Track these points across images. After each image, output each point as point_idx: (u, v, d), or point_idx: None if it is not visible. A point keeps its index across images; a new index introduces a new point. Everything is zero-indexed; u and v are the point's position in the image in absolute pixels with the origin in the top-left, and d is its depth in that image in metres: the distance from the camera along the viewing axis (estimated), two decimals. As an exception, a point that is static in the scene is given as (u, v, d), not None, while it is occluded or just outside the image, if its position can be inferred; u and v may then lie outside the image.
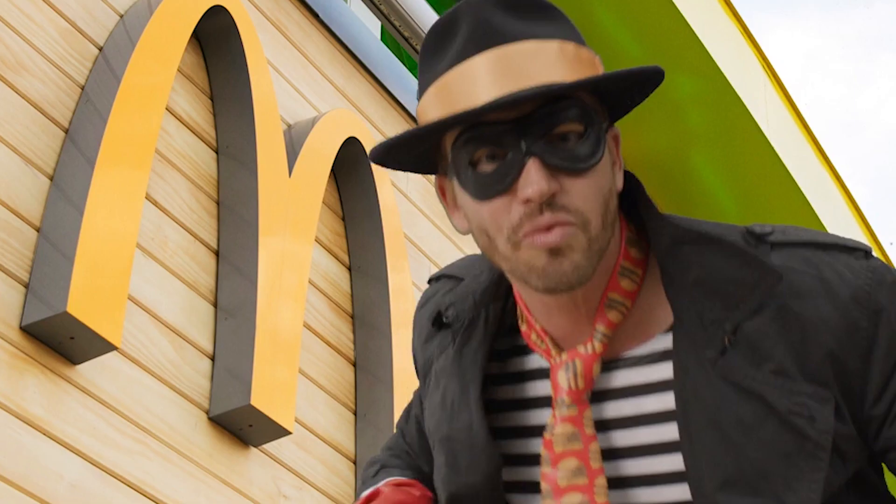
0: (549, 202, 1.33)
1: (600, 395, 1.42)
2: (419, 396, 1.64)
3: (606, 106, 1.41)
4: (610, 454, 1.41)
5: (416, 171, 1.45)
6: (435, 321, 1.52)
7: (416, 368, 1.59)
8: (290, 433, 3.78)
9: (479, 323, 1.47)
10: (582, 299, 1.40)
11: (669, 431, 1.38)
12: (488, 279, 1.48)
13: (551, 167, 1.34)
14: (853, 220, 8.31)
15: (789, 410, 1.34)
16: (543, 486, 1.40)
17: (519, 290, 1.45)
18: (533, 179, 1.32)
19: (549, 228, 1.33)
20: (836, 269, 1.38)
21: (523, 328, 1.46)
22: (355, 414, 4.26)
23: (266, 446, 3.83)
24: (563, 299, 1.40)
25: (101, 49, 3.67)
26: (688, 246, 1.39)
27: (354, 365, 4.34)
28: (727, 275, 1.37)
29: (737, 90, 6.83)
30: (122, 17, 3.78)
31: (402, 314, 4.40)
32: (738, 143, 7.01)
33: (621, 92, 1.40)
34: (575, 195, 1.34)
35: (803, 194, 7.44)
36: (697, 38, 6.62)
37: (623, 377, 1.41)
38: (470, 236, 1.42)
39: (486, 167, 1.35)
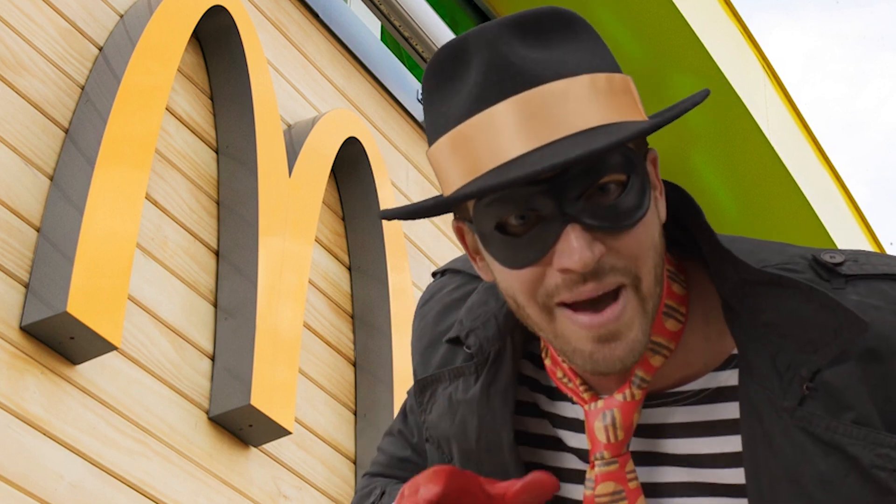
0: (594, 270, 1.18)
1: (649, 430, 1.32)
2: (412, 407, 1.53)
3: None
4: (659, 490, 1.32)
5: (428, 217, 1.30)
6: (453, 341, 1.39)
7: (413, 367, 1.47)
8: (290, 433, 3.78)
9: (505, 356, 1.33)
10: None
11: (728, 475, 1.29)
12: None
13: (594, 229, 1.18)
14: (853, 220, 8.31)
15: (873, 464, 1.23)
16: None
17: None
18: (574, 248, 1.17)
19: (595, 304, 1.19)
20: None
21: (547, 362, 1.34)
22: (355, 414, 4.26)
23: (266, 446, 3.83)
24: None
25: (101, 49, 3.67)
26: (757, 286, 1.24)
27: (354, 365, 4.34)
28: (805, 319, 1.23)
29: (737, 90, 6.84)
30: (122, 17, 3.79)
31: (402, 314, 4.40)
32: (738, 143, 7.01)
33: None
34: (624, 253, 1.19)
35: (803, 194, 7.44)
36: (697, 38, 6.62)
37: (674, 414, 1.31)
38: None
39: (517, 229, 1.19)
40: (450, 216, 1.34)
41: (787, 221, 7.25)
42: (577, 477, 1.35)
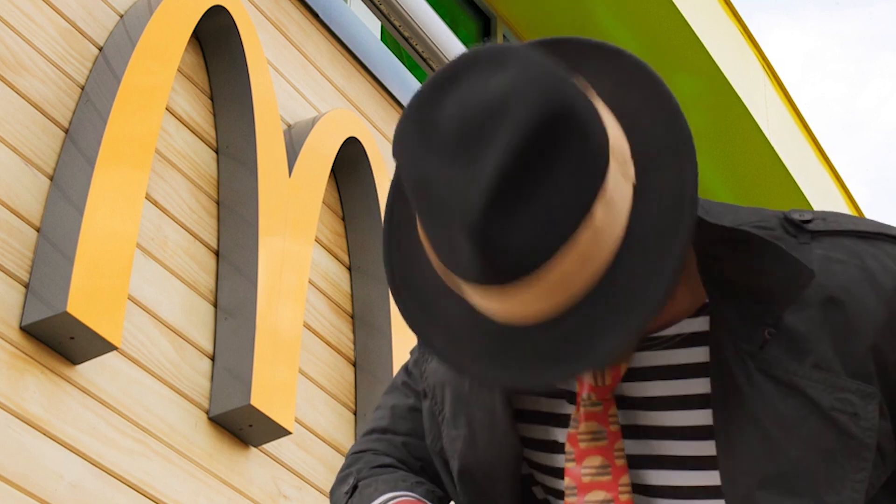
0: None
1: (623, 375, 1.38)
2: (415, 360, 1.58)
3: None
4: (634, 432, 1.38)
5: None
6: None
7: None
8: (290, 433, 3.78)
9: None
10: None
11: (700, 417, 1.35)
12: None
13: None
14: (853, 220, 8.30)
15: (832, 407, 1.28)
16: (567, 481, 1.37)
17: None
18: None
19: None
20: (880, 258, 1.32)
21: None
22: (355, 414, 4.26)
23: (266, 446, 3.83)
24: None
25: (101, 49, 3.67)
26: (721, 242, 1.31)
27: (354, 365, 4.34)
28: (763, 270, 1.30)
29: (737, 90, 6.84)
30: (122, 17, 3.79)
31: (402, 314, 4.39)
32: (738, 143, 7.01)
33: None
34: None
35: (803, 194, 7.44)
36: (697, 38, 6.62)
37: (648, 358, 1.36)
38: None
39: None
40: None
41: (787, 221, 7.24)
42: (567, 421, 1.41)
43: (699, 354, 1.35)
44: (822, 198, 7.79)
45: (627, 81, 1.25)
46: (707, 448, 1.35)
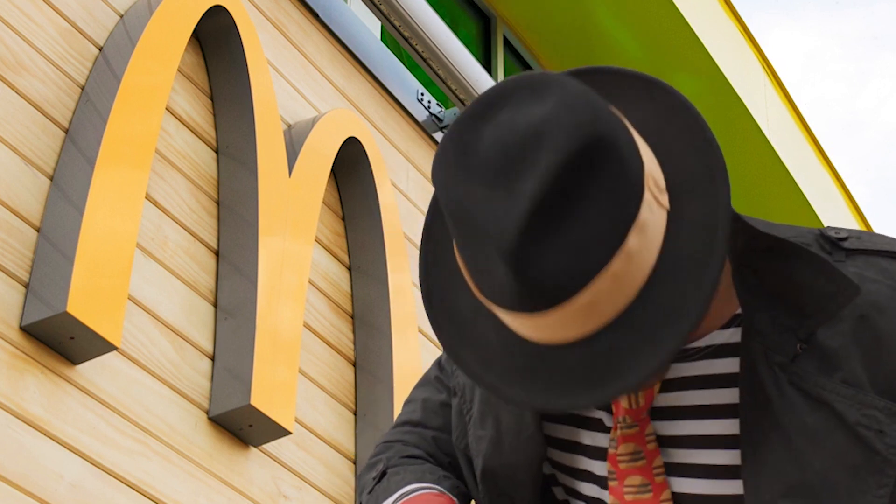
0: None
1: (661, 412, 1.40)
2: (440, 360, 1.62)
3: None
4: (662, 441, 1.40)
5: None
6: None
7: None
8: (290, 433, 3.78)
9: None
10: None
11: (728, 426, 1.36)
12: None
13: None
14: (853, 220, 8.32)
15: (858, 422, 1.30)
16: (611, 499, 1.40)
17: None
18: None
19: None
20: None
21: None
22: (355, 414, 4.26)
23: (266, 446, 3.83)
24: None
25: (101, 49, 3.67)
26: (764, 251, 1.33)
27: (354, 365, 4.34)
28: (804, 283, 1.32)
29: (737, 90, 6.84)
30: (122, 17, 3.79)
31: (402, 314, 4.40)
32: (738, 143, 7.01)
33: None
34: None
35: (803, 194, 7.44)
36: (697, 38, 6.62)
37: (679, 369, 1.39)
38: None
39: None
40: None
41: (787, 221, 7.24)
42: (592, 424, 1.44)
43: (729, 365, 1.37)
44: (822, 198, 7.79)
45: (664, 112, 1.27)
46: (733, 457, 1.36)
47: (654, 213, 1.21)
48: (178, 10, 3.84)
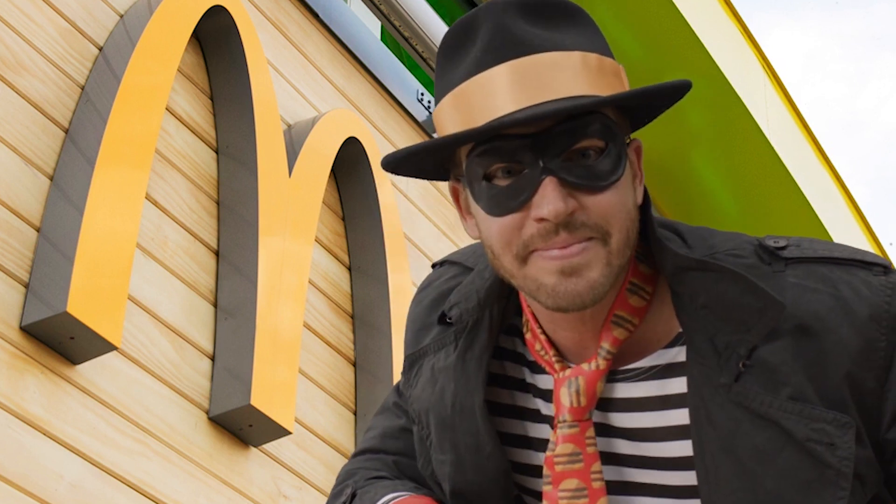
0: (566, 222, 1.29)
1: (602, 404, 1.40)
2: (398, 386, 1.60)
3: (628, 117, 1.36)
4: (612, 459, 1.39)
5: (428, 178, 1.41)
6: (439, 319, 1.48)
7: (405, 348, 1.55)
8: (290, 433, 3.78)
9: (482, 326, 1.43)
10: (590, 315, 1.37)
11: (681, 448, 1.36)
12: (492, 278, 1.43)
13: (569, 185, 1.29)
14: (853, 220, 8.32)
15: (808, 437, 1.30)
16: None
17: (525, 297, 1.41)
18: (549, 198, 1.28)
19: (564, 247, 1.29)
20: (854, 286, 1.33)
21: (528, 335, 1.43)
22: (355, 414, 4.26)
23: (266, 446, 3.83)
24: (571, 316, 1.36)
25: (101, 49, 3.67)
26: (691, 272, 1.34)
27: (354, 365, 4.34)
28: (734, 301, 1.33)
29: (737, 90, 6.84)
30: (122, 17, 3.79)
31: (402, 314, 4.40)
32: (738, 143, 7.01)
33: (645, 105, 1.35)
34: (595, 211, 1.29)
35: (803, 194, 7.44)
36: (697, 38, 6.62)
37: (624, 390, 1.38)
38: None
39: (501, 182, 1.31)
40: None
41: (787, 221, 7.25)
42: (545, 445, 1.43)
43: (678, 385, 1.37)
44: (822, 198, 7.78)
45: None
46: (689, 478, 1.36)
47: (617, 80, 1.34)
48: (178, 10, 3.84)
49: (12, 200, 3.29)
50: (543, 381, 1.44)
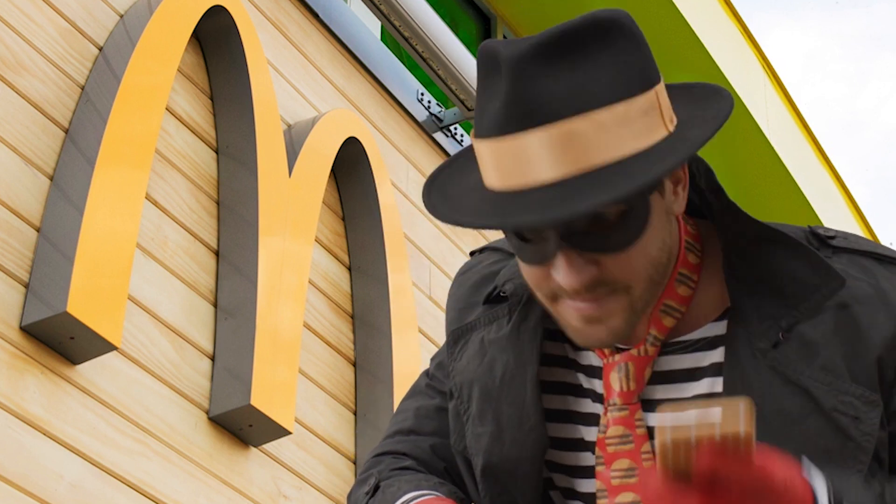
0: (585, 287, 1.31)
1: (651, 378, 1.44)
2: (439, 363, 1.61)
3: None
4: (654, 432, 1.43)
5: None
6: (489, 295, 1.51)
7: (447, 324, 1.57)
8: (290, 433, 3.78)
9: (536, 300, 1.44)
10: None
11: None
12: None
13: (587, 252, 1.30)
14: (853, 220, 8.32)
15: (834, 408, 1.35)
16: (598, 483, 1.43)
17: None
18: (565, 272, 1.30)
19: (585, 300, 1.32)
20: (893, 281, 1.39)
21: None
22: (355, 414, 4.26)
23: (266, 446, 3.83)
24: None
25: (101, 49, 3.67)
26: (757, 243, 1.39)
27: (354, 365, 4.34)
28: (792, 274, 1.38)
29: (737, 90, 6.84)
30: (122, 17, 3.79)
31: (402, 314, 4.40)
32: (738, 143, 7.01)
33: None
34: (615, 271, 1.31)
35: (803, 194, 7.44)
36: (697, 38, 6.62)
37: (672, 362, 1.43)
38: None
39: (526, 239, 1.33)
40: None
41: (787, 221, 7.23)
42: (593, 419, 1.46)
43: (718, 355, 1.41)
44: (822, 198, 7.78)
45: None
46: None
47: (652, 117, 1.29)
48: (178, 10, 3.84)
49: (12, 200, 3.29)
50: (585, 357, 1.47)
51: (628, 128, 1.28)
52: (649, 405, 1.42)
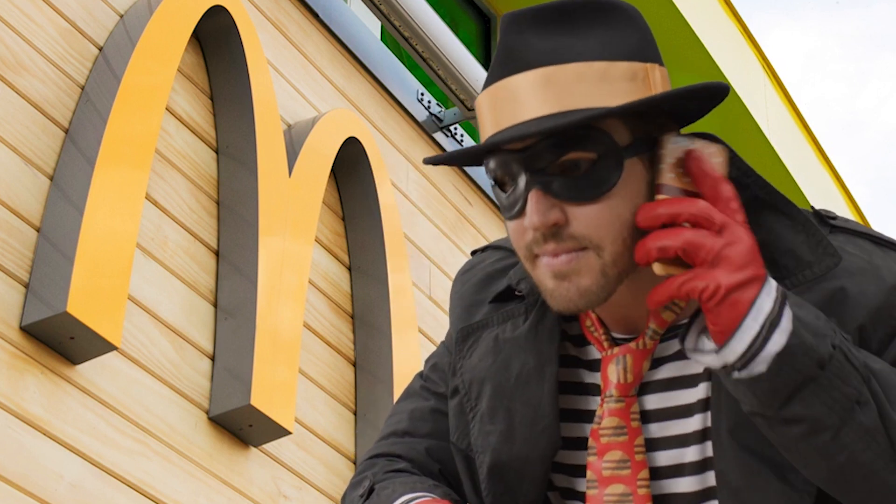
0: (552, 232, 1.34)
1: (644, 388, 1.45)
2: (434, 365, 1.63)
3: (657, 120, 1.39)
4: (645, 417, 1.44)
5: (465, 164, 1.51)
6: (502, 294, 1.53)
7: (452, 323, 1.59)
8: (290, 433, 3.78)
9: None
10: (632, 297, 1.41)
11: (703, 391, 1.42)
12: None
13: (553, 197, 1.34)
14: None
15: None
16: (589, 474, 1.43)
17: None
18: (530, 211, 1.34)
19: (555, 254, 1.35)
20: (886, 261, 1.40)
21: (581, 315, 1.49)
22: (355, 414, 4.26)
23: (266, 446, 3.83)
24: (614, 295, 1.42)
25: (101, 49, 3.67)
26: (764, 210, 1.40)
27: (354, 365, 4.34)
28: (787, 247, 1.39)
29: (737, 90, 6.84)
30: (122, 17, 3.79)
31: (402, 314, 4.40)
32: (738, 143, 7.01)
33: (677, 105, 1.38)
34: (582, 223, 1.34)
35: (803, 194, 7.44)
36: (697, 38, 6.62)
37: (668, 346, 1.44)
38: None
39: (505, 188, 1.38)
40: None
41: (787, 221, 7.25)
42: (595, 417, 1.48)
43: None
44: (822, 198, 7.79)
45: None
46: (705, 421, 1.42)
47: (637, 84, 1.35)
48: (178, 10, 3.84)
49: (12, 200, 3.29)
50: (586, 353, 1.49)
51: (609, 85, 1.33)
52: (643, 416, 1.44)
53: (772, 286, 1.29)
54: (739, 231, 1.30)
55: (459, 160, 1.44)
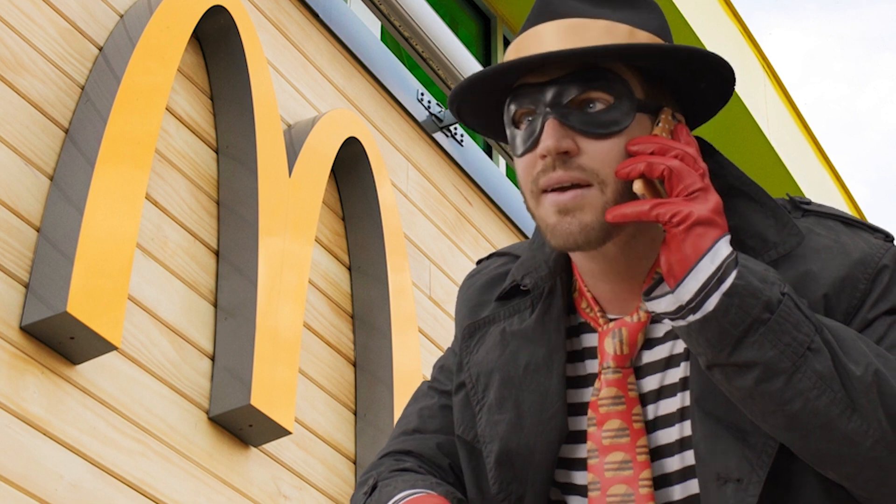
0: (563, 160, 1.42)
1: (638, 372, 1.49)
2: (441, 366, 1.66)
3: (666, 90, 1.48)
4: (642, 398, 1.48)
5: (493, 136, 1.57)
6: (508, 291, 1.58)
7: (458, 322, 1.64)
8: (290, 433, 3.78)
9: (556, 292, 1.54)
10: (625, 269, 1.48)
11: (682, 400, 1.46)
12: (555, 251, 1.55)
13: (569, 128, 1.42)
14: (853, 220, 8.31)
15: None
16: (589, 444, 1.47)
17: (572, 257, 1.54)
18: (545, 136, 1.42)
19: (563, 189, 1.43)
20: (854, 240, 1.46)
21: (575, 295, 1.55)
22: (355, 414, 4.26)
23: (266, 446, 3.83)
24: (603, 266, 1.49)
25: (101, 49, 3.67)
26: (738, 198, 1.48)
27: (354, 365, 4.34)
28: (758, 229, 1.46)
29: (737, 90, 6.84)
30: (122, 17, 3.79)
31: (402, 314, 4.40)
32: (738, 143, 7.01)
33: (679, 78, 1.47)
34: (591, 156, 1.42)
35: (803, 194, 7.44)
36: (697, 38, 6.62)
37: (656, 353, 1.48)
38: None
39: (522, 125, 1.47)
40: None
41: (787, 221, 7.26)
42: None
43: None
44: (823, 198, 7.79)
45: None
46: (684, 399, 1.47)
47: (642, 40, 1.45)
48: (178, 10, 3.84)
49: (12, 200, 3.29)
50: (587, 340, 1.53)
51: (614, 38, 1.44)
52: (638, 372, 1.48)
53: (728, 240, 1.37)
54: (713, 190, 1.40)
55: (487, 81, 1.49)
